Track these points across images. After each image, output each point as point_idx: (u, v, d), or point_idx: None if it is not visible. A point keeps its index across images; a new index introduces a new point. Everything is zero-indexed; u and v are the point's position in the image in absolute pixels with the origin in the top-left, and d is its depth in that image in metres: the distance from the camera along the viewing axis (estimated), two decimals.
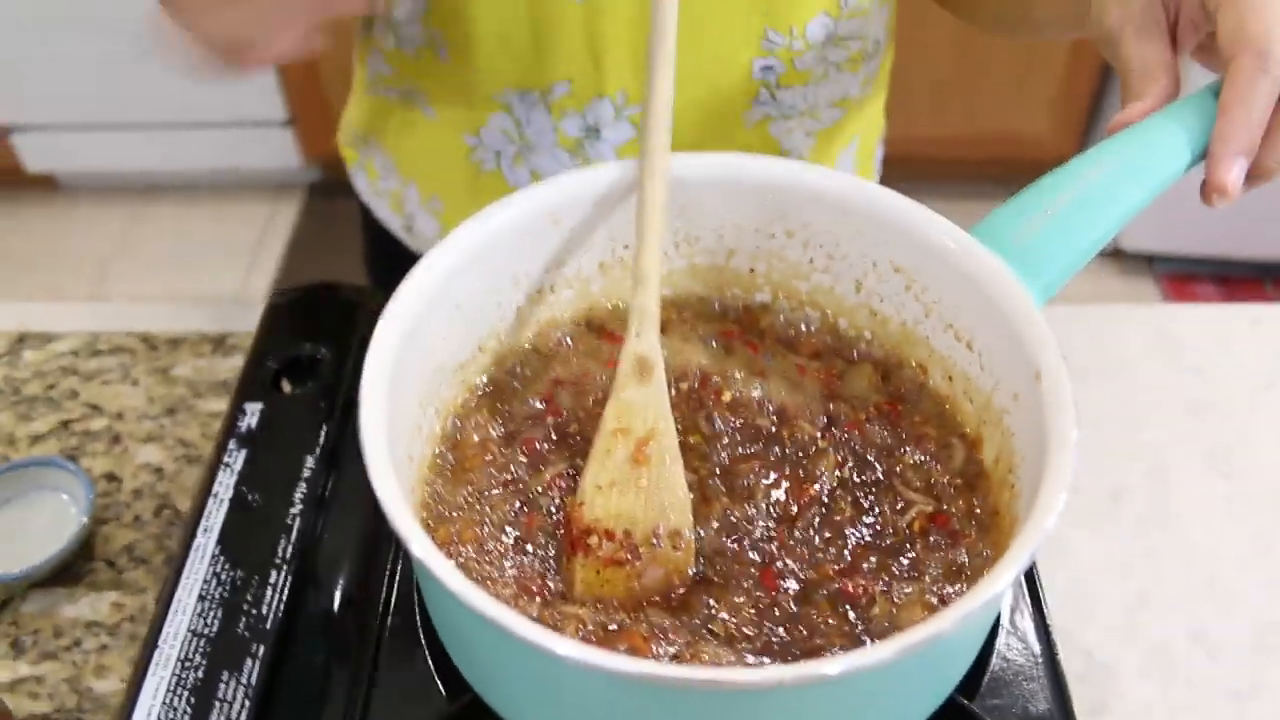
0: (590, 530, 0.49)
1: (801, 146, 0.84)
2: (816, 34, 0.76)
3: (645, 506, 0.49)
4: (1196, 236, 2.36)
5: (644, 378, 0.51)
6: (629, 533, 0.49)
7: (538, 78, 0.77)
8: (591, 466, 0.50)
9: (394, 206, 0.94)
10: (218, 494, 0.62)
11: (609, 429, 0.50)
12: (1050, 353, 0.47)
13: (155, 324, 0.89)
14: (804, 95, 0.80)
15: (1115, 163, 0.53)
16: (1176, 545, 0.73)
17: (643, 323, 0.52)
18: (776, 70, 0.77)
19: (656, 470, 0.50)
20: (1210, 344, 0.87)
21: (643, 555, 0.49)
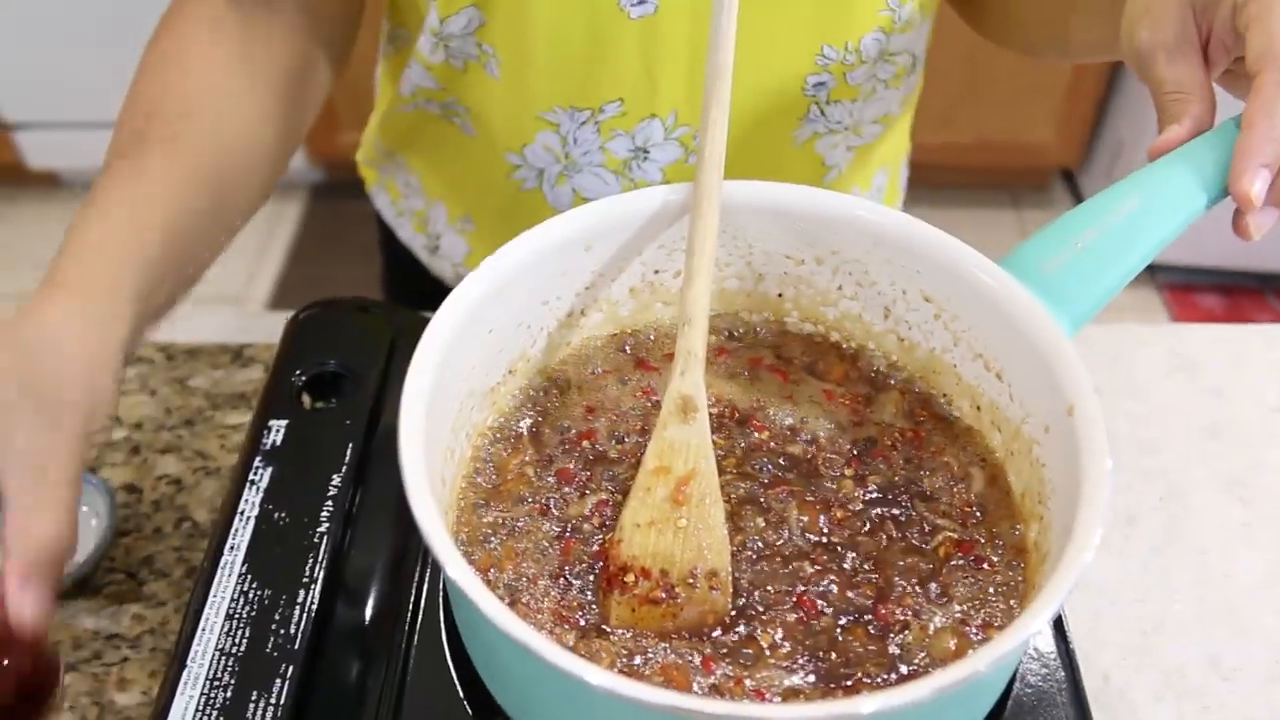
0: (627, 567, 0.49)
1: (842, 162, 0.84)
2: (870, 49, 0.76)
3: (683, 546, 0.49)
4: (1199, 247, 2.36)
5: (687, 417, 0.51)
6: (665, 572, 0.49)
7: (590, 96, 0.76)
8: (631, 504, 0.50)
9: (418, 227, 0.94)
10: (244, 511, 0.62)
11: (650, 467, 0.51)
12: (1083, 388, 0.48)
13: (173, 334, 0.89)
14: (850, 111, 0.80)
15: (1145, 196, 0.53)
16: (1193, 570, 0.74)
17: (688, 363, 0.52)
18: (828, 86, 0.77)
19: (696, 510, 0.50)
20: (1224, 365, 0.88)
21: (679, 595, 0.49)
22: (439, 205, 0.90)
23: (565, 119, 0.78)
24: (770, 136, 0.79)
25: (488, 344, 0.54)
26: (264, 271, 2.53)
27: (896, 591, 0.50)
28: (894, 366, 0.60)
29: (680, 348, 0.52)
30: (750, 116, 0.77)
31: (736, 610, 0.49)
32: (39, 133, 2.59)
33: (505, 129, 0.81)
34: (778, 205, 0.58)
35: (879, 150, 0.87)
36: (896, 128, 0.88)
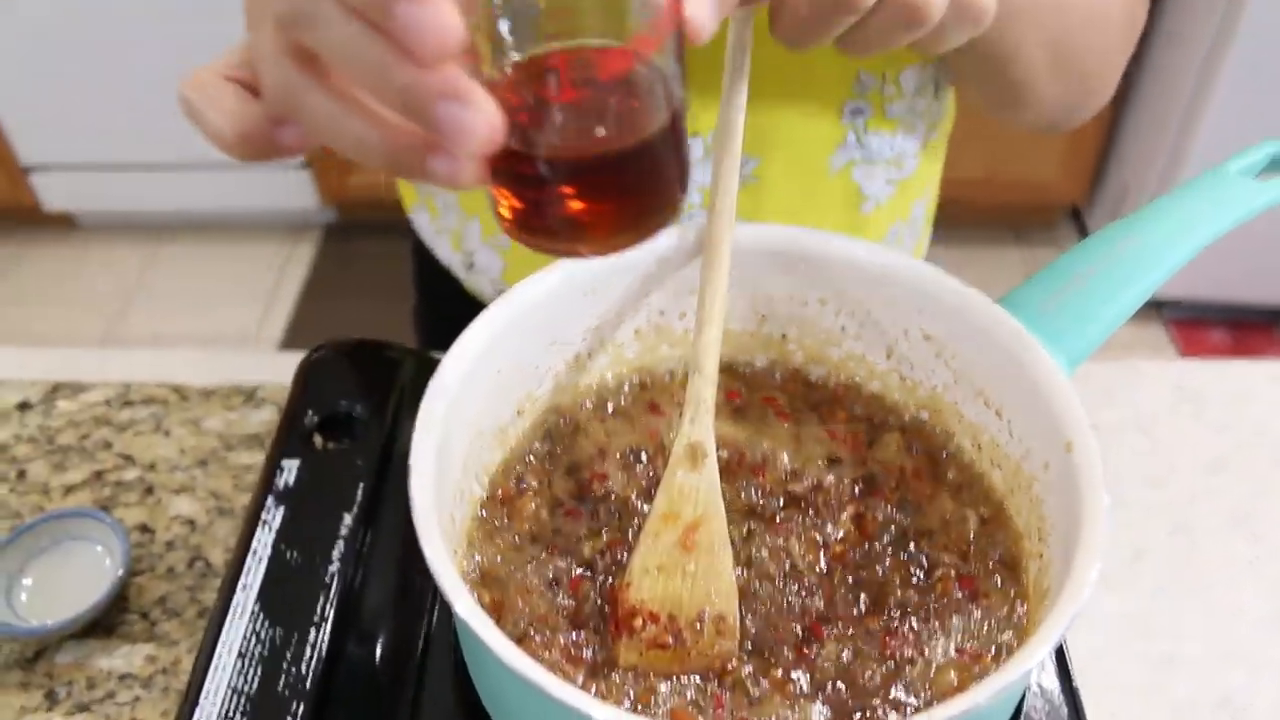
0: (636, 612, 0.49)
1: (881, 194, 0.84)
2: (909, 82, 0.77)
3: (691, 591, 0.50)
4: (1206, 282, 2.38)
5: (696, 464, 0.52)
6: (673, 617, 0.49)
7: None
8: (640, 549, 0.51)
9: (454, 244, 0.94)
10: (256, 551, 0.63)
11: (659, 513, 0.51)
12: (1081, 424, 0.48)
13: (187, 375, 0.90)
14: (890, 143, 0.80)
15: (1140, 236, 0.54)
16: (1200, 607, 0.74)
17: (697, 410, 0.52)
18: (865, 114, 0.77)
19: (705, 557, 0.50)
20: (1230, 400, 0.88)
21: (686, 640, 0.49)
22: (474, 221, 0.91)
23: None
24: (807, 162, 0.80)
25: (496, 385, 0.55)
26: (276, 312, 2.55)
27: (900, 627, 0.51)
28: (897, 405, 0.61)
29: (690, 395, 0.53)
30: (786, 140, 0.78)
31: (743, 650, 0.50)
32: (55, 175, 2.63)
33: None
34: (782, 248, 0.59)
35: (918, 181, 0.87)
36: (933, 158, 0.88)
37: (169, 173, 2.60)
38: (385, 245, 2.54)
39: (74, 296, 2.64)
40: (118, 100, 2.47)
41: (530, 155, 0.39)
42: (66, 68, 2.43)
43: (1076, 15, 0.68)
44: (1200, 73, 2.14)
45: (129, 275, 2.68)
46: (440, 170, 0.37)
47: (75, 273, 2.71)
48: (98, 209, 2.75)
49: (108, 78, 2.43)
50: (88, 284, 2.67)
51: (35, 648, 0.71)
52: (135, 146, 2.56)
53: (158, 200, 2.68)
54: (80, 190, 2.66)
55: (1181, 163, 2.23)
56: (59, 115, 2.51)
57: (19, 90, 2.48)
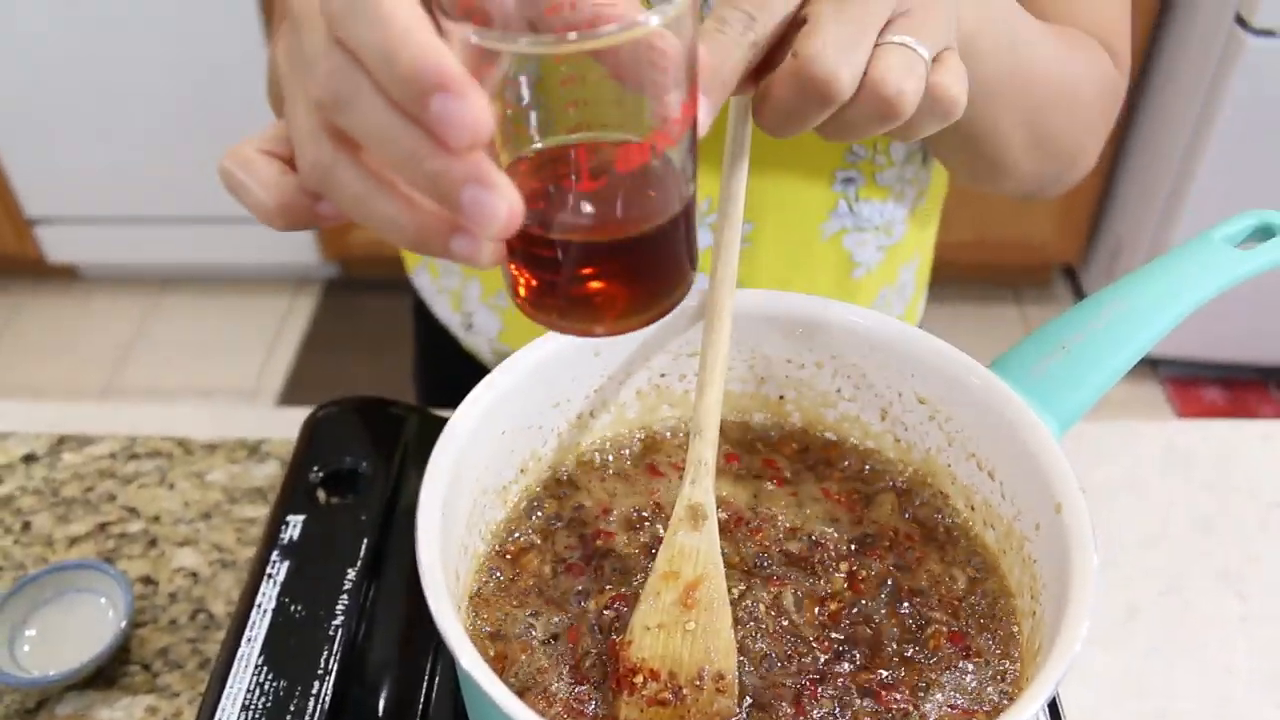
0: (636, 669, 0.50)
1: (872, 261, 0.86)
2: (898, 152, 0.79)
3: (691, 649, 0.51)
4: (1201, 340, 2.40)
5: (696, 524, 0.53)
6: (674, 674, 0.50)
7: None
8: (641, 607, 0.52)
9: (454, 305, 0.96)
10: (261, 604, 0.64)
11: (659, 571, 0.52)
12: (1070, 486, 0.50)
13: (191, 429, 0.92)
14: (880, 211, 0.82)
15: (1128, 302, 0.56)
16: (1193, 664, 0.75)
17: (698, 471, 0.53)
18: (857, 183, 0.80)
19: (704, 615, 0.51)
20: (1220, 461, 0.90)
21: (686, 697, 0.50)
22: (473, 282, 0.92)
23: None
24: (797, 227, 0.81)
25: (501, 444, 0.57)
26: (276, 365, 2.56)
27: (893, 683, 0.52)
28: (891, 466, 0.62)
29: (691, 456, 0.54)
30: (778, 206, 0.79)
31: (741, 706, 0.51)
32: (58, 227, 2.65)
33: None
34: (780, 313, 0.61)
35: (906, 247, 0.89)
36: (923, 225, 0.90)
37: (171, 225, 2.63)
38: (385, 301, 2.56)
39: (75, 347, 2.65)
40: (122, 154, 2.51)
41: (548, 239, 0.41)
42: (72, 121, 2.46)
43: (1045, 95, 0.69)
44: (1190, 134, 2.18)
45: (130, 326, 2.70)
46: (462, 250, 0.38)
47: (77, 323, 2.72)
48: (100, 261, 2.77)
49: (112, 132, 2.47)
50: (89, 335, 2.69)
51: (37, 698, 0.72)
52: (138, 199, 2.59)
53: (159, 253, 2.70)
54: (83, 242, 2.69)
55: (1174, 222, 2.27)
56: (63, 168, 2.54)
57: (25, 143, 2.51)
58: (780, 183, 0.78)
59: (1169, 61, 2.25)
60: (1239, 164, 2.15)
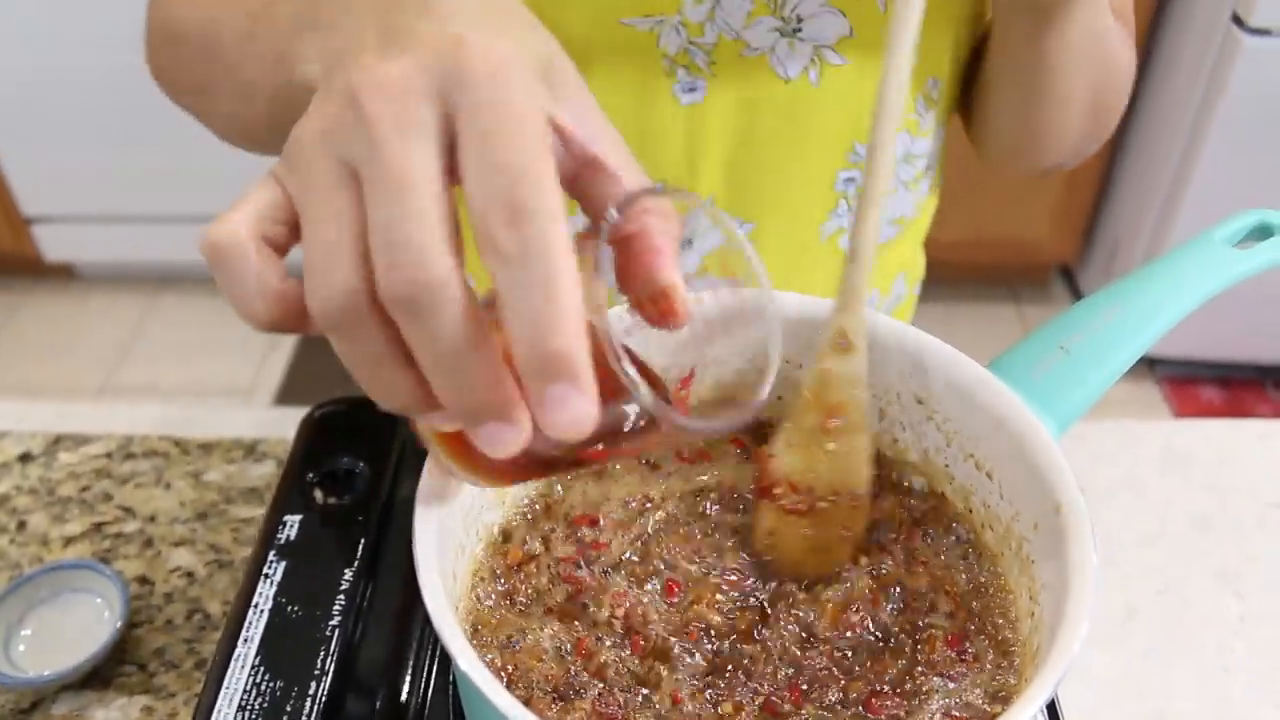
0: (777, 481, 0.54)
1: None
2: (896, 149, 0.79)
3: (829, 467, 0.54)
4: (1198, 339, 2.40)
5: (844, 350, 0.54)
6: (811, 488, 0.54)
7: None
8: (785, 425, 0.55)
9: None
10: (257, 604, 0.63)
11: (805, 396, 0.55)
12: (1070, 487, 0.50)
13: (188, 428, 0.91)
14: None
15: (1127, 302, 0.56)
16: (1192, 663, 0.75)
17: (848, 298, 0.54)
18: (858, 183, 0.80)
19: (844, 438, 0.54)
20: (1218, 460, 0.90)
21: (820, 510, 0.54)
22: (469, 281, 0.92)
23: None
24: (799, 226, 0.82)
25: None
26: (273, 363, 2.56)
27: (890, 686, 0.52)
28: (889, 467, 0.62)
29: (843, 282, 0.54)
30: (781, 206, 0.80)
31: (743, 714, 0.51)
32: (56, 226, 2.65)
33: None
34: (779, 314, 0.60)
35: (896, 254, 0.89)
36: (912, 233, 0.91)
37: (168, 225, 2.62)
38: None
39: (72, 346, 2.65)
40: (119, 153, 2.50)
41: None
42: (69, 120, 2.46)
43: (1110, 67, 0.75)
44: (1188, 133, 2.18)
45: (127, 325, 2.70)
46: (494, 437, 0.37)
47: (74, 322, 2.72)
48: (97, 260, 2.77)
49: (109, 131, 2.46)
50: (86, 334, 2.68)
51: (32, 698, 0.72)
52: (136, 198, 2.59)
53: (157, 252, 2.70)
54: (81, 241, 2.68)
55: (1171, 222, 2.27)
56: (61, 167, 2.54)
57: (22, 142, 2.50)
58: (785, 184, 0.79)
59: (1166, 60, 2.25)
60: (1236, 163, 2.16)
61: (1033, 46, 0.70)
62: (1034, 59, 0.71)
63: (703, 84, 0.73)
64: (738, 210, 0.80)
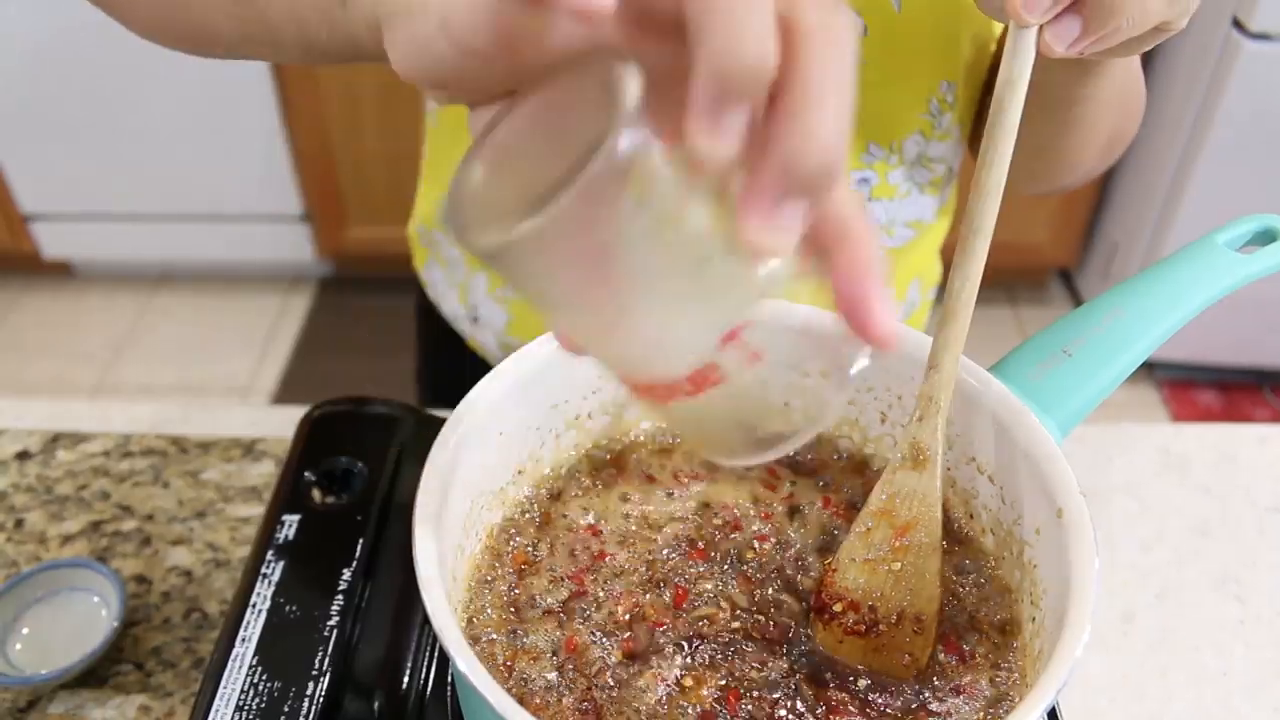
0: (837, 598, 0.52)
1: None
2: (909, 151, 0.79)
3: (894, 587, 0.52)
4: (1197, 344, 2.40)
5: (918, 464, 0.52)
6: (874, 608, 0.51)
7: None
8: (850, 539, 0.52)
9: (461, 298, 0.96)
10: (255, 604, 0.63)
11: (873, 508, 0.52)
12: (1072, 490, 0.49)
13: (186, 427, 0.91)
14: (886, 209, 0.83)
15: (1129, 306, 0.56)
16: (1190, 667, 0.75)
17: (927, 409, 0.52)
18: (871, 183, 0.80)
19: (913, 557, 0.52)
20: (1217, 464, 0.89)
21: (882, 632, 0.51)
22: (479, 276, 0.92)
23: None
24: None
25: (499, 446, 0.56)
26: (270, 363, 2.56)
27: (893, 691, 0.52)
28: None
29: (922, 391, 0.52)
30: None
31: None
32: (54, 224, 2.64)
33: None
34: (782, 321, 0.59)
35: (912, 259, 0.89)
36: (929, 239, 0.90)
37: (166, 222, 2.62)
38: (381, 300, 2.56)
39: (69, 343, 2.64)
40: (117, 150, 2.50)
41: None
42: (67, 118, 2.45)
43: (1131, 105, 0.77)
44: (1187, 138, 2.18)
45: (124, 323, 2.69)
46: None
47: (70, 320, 2.71)
48: (95, 257, 2.76)
49: (108, 128, 2.46)
50: (83, 331, 2.68)
51: (28, 697, 0.71)
52: (133, 196, 2.58)
53: (154, 249, 2.70)
54: (78, 238, 2.68)
55: (1170, 226, 2.27)
56: (59, 165, 2.53)
57: (20, 139, 2.50)
58: None
59: (1166, 65, 2.25)
60: (1236, 168, 2.16)
61: (1068, 91, 0.70)
62: (1065, 102, 0.71)
63: None
64: None
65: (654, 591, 0.55)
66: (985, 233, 0.52)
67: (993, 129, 0.50)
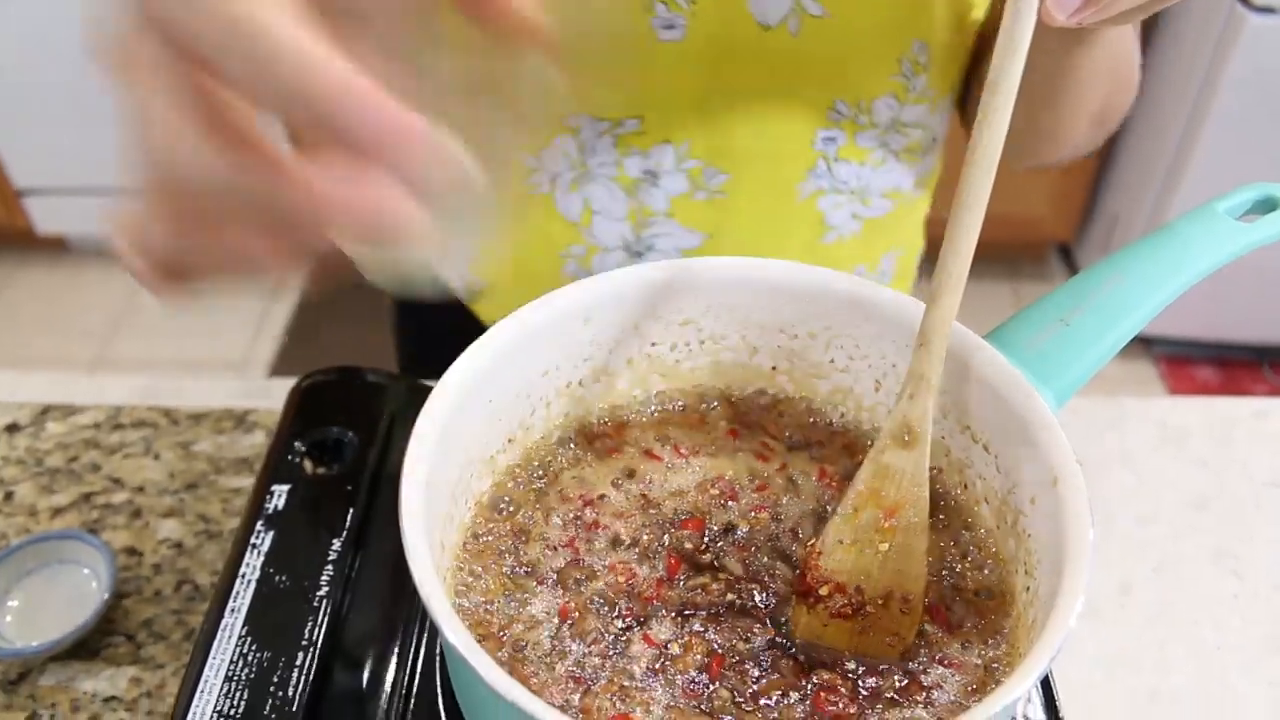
0: (824, 581, 0.50)
1: (845, 228, 0.85)
2: (882, 114, 0.78)
3: (881, 569, 0.51)
4: (1195, 319, 2.39)
5: (907, 444, 0.51)
6: (860, 590, 0.51)
7: (612, 109, 0.77)
8: (836, 521, 0.51)
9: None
10: (245, 574, 0.63)
11: (860, 488, 0.51)
12: (1068, 459, 0.49)
13: (178, 399, 0.91)
14: (858, 174, 0.82)
15: (1128, 274, 0.55)
16: (1186, 641, 0.74)
17: (917, 387, 0.51)
18: (838, 142, 0.79)
19: (900, 537, 0.51)
20: (1214, 437, 0.89)
21: (868, 615, 0.50)
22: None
23: (587, 126, 0.78)
24: (776, 183, 0.81)
25: (488, 414, 0.56)
26: (266, 337, 2.55)
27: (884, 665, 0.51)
28: None
29: (912, 369, 0.51)
30: (758, 160, 0.79)
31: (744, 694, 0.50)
32: (48, 199, 2.63)
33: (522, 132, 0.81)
34: (774, 281, 0.59)
35: (889, 229, 0.88)
36: (910, 211, 0.89)
37: None
38: None
39: (64, 319, 2.63)
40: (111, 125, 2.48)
41: None
42: (61, 92, 2.43)
43: (1123, 77, 0.77)
44: (1189, 112, 2.17)
45: (120, 298, 2.68)
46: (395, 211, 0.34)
47: (66, 296, 2.70)
48: (90, 232, 2.75)
49: (102, 102, 2.43)
50: (78, 307, 2.67)
51: (19, 669, 0.71)
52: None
53: None
54: (73, 213, 2.66)
55: (1171, 200, 2.26)
56: (53, 139, 2.52)
57: (13, 114, 2.48)
58: (762, 138, 0.78)
59: (1169, 38, 2.24)
60: (1238, 142, 2.14)
61: (1057, 61, 0.69)
62: (1055, 72, 0.70)
63: (681, 22, 0.72)
64: (714, 159, 0.79)
65: (648, 561, 0.55)
66: (978, 206, 0.51)
67: (989, 98, 0.49)
